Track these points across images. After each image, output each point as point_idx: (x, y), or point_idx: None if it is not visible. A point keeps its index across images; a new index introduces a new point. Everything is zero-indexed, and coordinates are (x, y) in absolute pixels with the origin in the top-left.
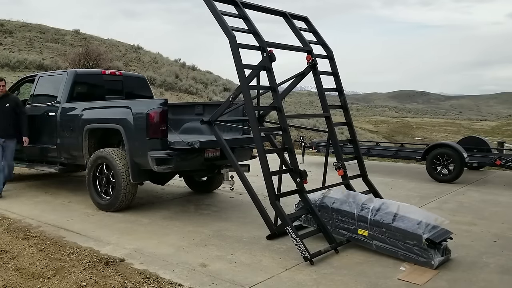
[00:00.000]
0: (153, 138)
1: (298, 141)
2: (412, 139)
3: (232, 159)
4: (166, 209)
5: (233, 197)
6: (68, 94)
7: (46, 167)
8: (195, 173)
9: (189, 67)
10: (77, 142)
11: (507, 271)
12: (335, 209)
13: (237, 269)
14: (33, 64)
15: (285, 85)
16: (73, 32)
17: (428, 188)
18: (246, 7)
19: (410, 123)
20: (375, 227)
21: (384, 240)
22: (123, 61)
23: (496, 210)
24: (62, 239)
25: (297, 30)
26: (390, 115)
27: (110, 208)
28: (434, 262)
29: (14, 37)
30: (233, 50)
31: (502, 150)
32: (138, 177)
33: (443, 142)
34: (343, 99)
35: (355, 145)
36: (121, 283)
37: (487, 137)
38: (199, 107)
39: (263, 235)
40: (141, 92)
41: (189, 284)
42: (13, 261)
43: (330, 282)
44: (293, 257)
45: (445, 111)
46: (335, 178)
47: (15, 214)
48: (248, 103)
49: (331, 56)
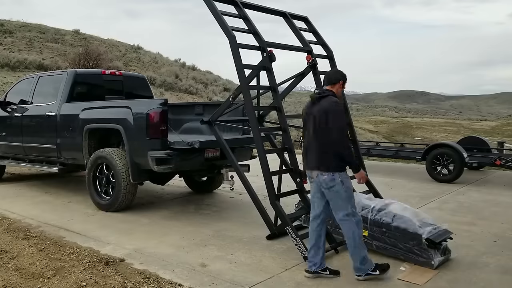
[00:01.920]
0: (153, 138)
1: (298, 141)
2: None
3: (232, 159)
4: (166, 209)
5: (233, 197)
6: (68, 94)
7: (46, 167)
8: (195, 173)
9: (189, 67)
10: (77, 142)
11: (507, 271)
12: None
13: (237, 269)
14: (33, 64)
15: (285, 85)
16: (73, 32)
17: (428, 188)
18: (246, 7)
19: (410, 123)
20: (375, 227)
21: (384, 240)
22: (123, 61)
23: (496, 210)
24: (62, 239)
25: (297, 30)
26: (390, 115)
27: (110, 208)
28: (434, 262)
29: (14, 37)
30: (233, 50)
31: (502, 150)
32: (138, 177)
33: (443, 142)
34: (343, 99)
35: (355, 145)
36: (121, 283)
37: (487, 137)
38: (199, 107)
39: (263, 235)
40: (141, 92)
41: (189, 284)
42: (13, 261)
43: (330, 282)
44: (293, 257)
45: (445, 111)
46: None
47: (15, 214)
48: (248, 103)
49: (331, 56)
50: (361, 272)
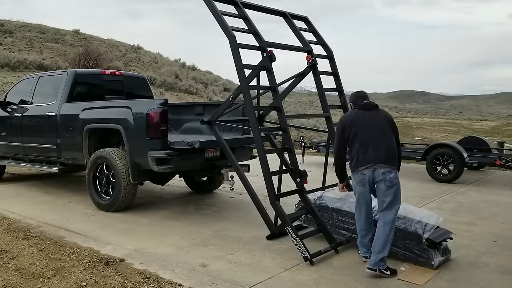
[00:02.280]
0: (153, 138)
1: (298, 141)
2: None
3: (232, 159)
4: (166, 209)
5: (233, 197)
6: (68, 94)
7: (46, 167)
8: (195, 173)
9: (189, 67)
10: (77, 142)
11: (507, 271)
12: (335, 209)
13: (237, 269)
14: (33, 64)
15: (285, 85)
16: (73, 32)
17: (428, 188)
18: (246, 7)
19: (410, 123)
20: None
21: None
22: (123, 61)
23: (496, 210)
24: (62, 239)
25: (297, 30)
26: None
27: (110, 208)
28: (434, 262)
29: (14, 37)
30: (233, 50)
31: (502, 150)
32: (138, 177)
33: (443, 142)
34: (343, 99)
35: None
36: (121, 283)
37: (487, 137)
38: (199, 107)
39: (263, 235)
40: (141, 92)
41: (189, 284)
42: (13, 261)
43: (330, 282)
44: (293, 257)
45: (445, 111)
46: (335, 178)
47: (15, 214)
48: (248, 103)
49: (331, 56)
50: (376, 267)
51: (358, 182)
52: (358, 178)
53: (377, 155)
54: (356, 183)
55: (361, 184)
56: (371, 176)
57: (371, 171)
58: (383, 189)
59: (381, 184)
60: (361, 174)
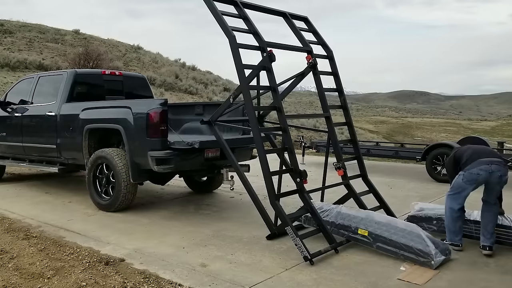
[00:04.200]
0: (153, 138)
1: (298, 141)
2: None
3: (232, 159)
4: (166, 209)
5: (233, 197)
6: (68, 94)
7: (46, 167)
8: (195, 173)
9: (189, 67)
10: (77, 142)
11: (507, 271)
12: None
13: (237, 269)
14: (33, 64)
15: (285, 85)
16: (73, 32)
17: (428, 188)
18: (246, 7)
19: (410, 123)
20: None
21: (384, 240)
22: (123, 61)
23: None
24: (62, 239)
25: (297, 30)
26: (390, 115)
27: (110, 208)
28: (434, 262)
29: (14, 37)
30: (233, 50)
31: (502, 150)
32: (138, 177)
33: (443, 142)
34: (343, 99)
35: (355, 145)
36: (121, 283)
37: (487, 137)
38: (199, 107)
39: (263, 235)
40: (141, 92)
41: (189, 284)
42: (13, 261)
43: (330, 282)
44: (293, 257)
45: (445, 111)
46: (335, 178)
47: (15, 214)
48: (248, 103)
49: (331, 56)
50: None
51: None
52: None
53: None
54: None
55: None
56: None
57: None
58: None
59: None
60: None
